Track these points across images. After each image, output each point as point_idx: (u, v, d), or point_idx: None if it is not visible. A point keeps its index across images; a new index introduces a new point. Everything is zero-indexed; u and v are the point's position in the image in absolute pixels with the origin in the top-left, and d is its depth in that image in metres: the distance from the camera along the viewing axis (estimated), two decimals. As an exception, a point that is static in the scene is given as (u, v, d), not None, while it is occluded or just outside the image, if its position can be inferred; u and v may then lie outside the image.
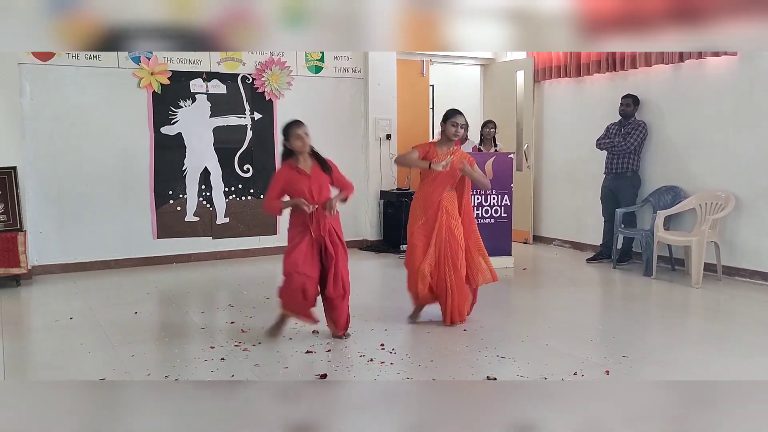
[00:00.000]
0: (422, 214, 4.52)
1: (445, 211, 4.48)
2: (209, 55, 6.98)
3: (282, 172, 4.15)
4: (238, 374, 3.66)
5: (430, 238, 4.47)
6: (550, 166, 8.13)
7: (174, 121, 6.87)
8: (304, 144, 4.10)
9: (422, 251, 4.46)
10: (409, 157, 4.54)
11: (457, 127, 4.47)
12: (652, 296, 5.63)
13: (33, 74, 6.21)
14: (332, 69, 7.66)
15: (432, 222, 4.47)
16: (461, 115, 4.54)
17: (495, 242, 6.59)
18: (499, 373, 3.65)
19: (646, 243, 6.26)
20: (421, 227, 4.50)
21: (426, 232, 4.48)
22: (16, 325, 4.81)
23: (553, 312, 5.08)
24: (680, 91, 6.45)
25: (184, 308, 5.22)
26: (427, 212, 4.49)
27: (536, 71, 8.10)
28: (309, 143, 4.12)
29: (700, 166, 6.31)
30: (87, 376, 3.63)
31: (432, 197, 4.49)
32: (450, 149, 4.52)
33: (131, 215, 6.73)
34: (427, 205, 4.50)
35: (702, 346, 4.23)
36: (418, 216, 4.54)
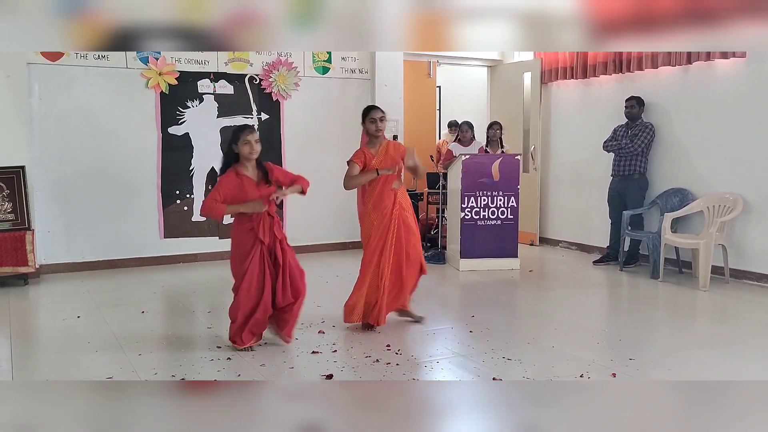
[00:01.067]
0: (377, 215, 4.42)
1: (399, 205, 4.45)
2: (217, 55, 7.00)
3: (229, 179, 3.97)
4: (245, 374, 3.67)
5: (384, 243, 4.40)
6: (556, 167, 8.11)
7: (181, 121, 6.89)
8: (253, 151, 3.95)
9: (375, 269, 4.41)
10: (358, 178, 4.39)
11: (375, 122, 4.39)
12: (659, 299, 5.61)
13: (42, 74, 6.24)
14: (339, 70, 7.67)
15: (387, 224, 4.40)
16: (377, 110, 4.46)
17: (501, 244, 6.60)
18: (505, 375, 3.64)
19: (653, 245, 6.23)
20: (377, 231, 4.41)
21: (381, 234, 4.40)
22: (23, 324, 4.83)
23: (559, 314, 5.07)
24: (688, 93, 6.43)
25: (190, 308, 5.23)
26: (383, 213, 4.40)
27: (543, 73, 8.09)
28: (258, 150, 3.98)
29: (707, 169, 6.28)
30: (94, 375, 3.64)
31: (385, 196, 4.41)
32: (382, 145, 4.47)
33: (138, 215, 6.76)
34: (383, 206, 4.41)
35: (709, 349, 4.21)
36: (372, 221, 4.43)
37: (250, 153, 3.96)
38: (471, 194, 6.50)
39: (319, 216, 7.57)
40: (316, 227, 7.63)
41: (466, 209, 6.52)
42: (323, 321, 4.65)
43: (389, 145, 4.52)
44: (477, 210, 6.57)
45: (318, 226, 7.63)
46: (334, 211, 7.63)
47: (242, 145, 3.95)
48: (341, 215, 7.65)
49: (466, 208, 6.52)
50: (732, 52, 5.89)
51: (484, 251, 6.54)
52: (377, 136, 4.44)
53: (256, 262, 4.00)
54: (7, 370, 3.80)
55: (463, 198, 6.51)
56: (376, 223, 4.42)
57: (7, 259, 5.78)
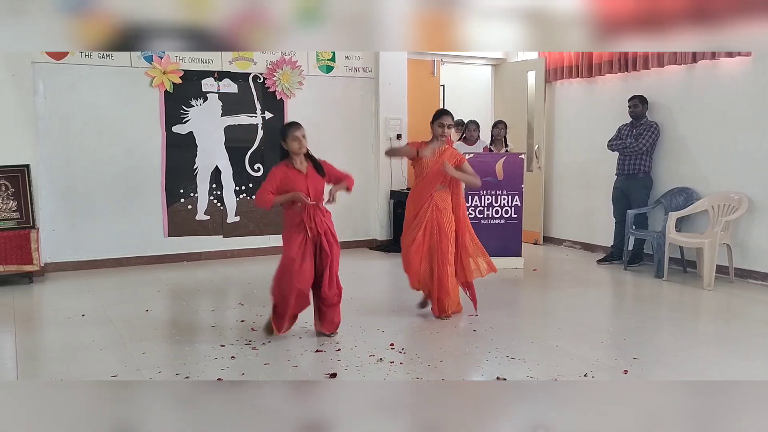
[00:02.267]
0: (413, 210, 4.70)
1: (436, 207, 4.65)
2: (221, 54, 7.01)
3: (279, 170, 4.18)
4: (248, 372, 3.67)
5: (418, 232, 4.64)
6: (561, 166, 8.10)
7: (185, 120, 6.90)
8: (301, 146, 4.14)
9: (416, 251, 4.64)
10: (399, 147, 4.73)
11: (443, 127, 4.64)
12: (664, 298, 5.60)
13: (46, 73, 6.25)
14: (343, 69, 7.67)
15: (422, 217, 4.65)
16: (449, 116, 4.71)
17: (505, 243, 6.59)
18: (509, 374, 3.64)
19: (657, 245, 6.22)
20: (413, 223, 4.68)
21: (417, 225, 4.65)
22: (28, 322, 4.85)
23: (563, 313, 5.06)
24: (693, 92, 6.41)
25: (194, 306, 5.24)
26: (417, 209, 4.67)
27: (547, 71, 8.07)
28: (306, 145, 4.17)
29: (712, 168, 6.27)
30: (99, 373, 3.65)
31: (423, 194, 4.67)
32: (440, 148, 4.68)
33: (143, 214, 6.77)
34: (418, 202, 4.68)
35: (713, 348, 4.20)
36: (410, 213, 4.74)
37: (299, 148, 4.13)
38: (475, 193, 6.49)
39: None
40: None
41: (470, 208, 6.51)
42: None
43: (447, 150, 4.71)
44: (481, 209, 6.57)
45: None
46: (340, 209, 7.58)
47: (291, 141, 4.13)
48: (347, 213, 7.66)
49: (470, 207, 6.51)
50: (737, 51, 5.87)
51: (487, 250, 6.49)
52: (441, 140, 4.68)
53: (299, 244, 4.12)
54: (11, 368, 3.81)
55: (467, 197, 6.50)
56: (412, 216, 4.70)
57: (12, 257, 5.80)
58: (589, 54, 7.46)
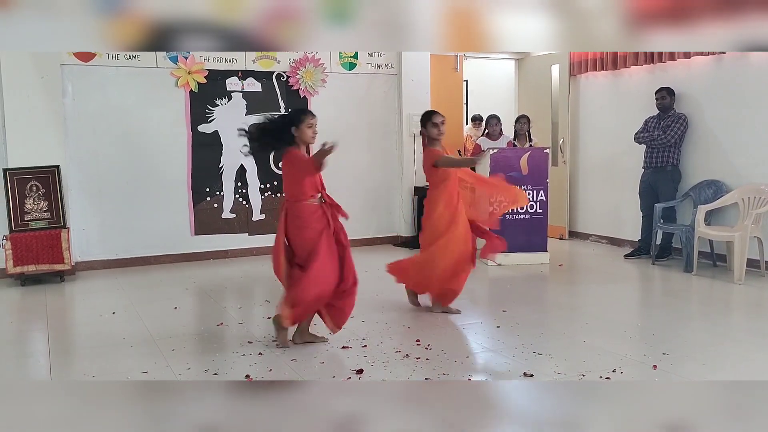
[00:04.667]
0: (446, 209, 4.69)
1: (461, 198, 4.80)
2: (244, 53, 7.06)
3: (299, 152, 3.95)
4: (276, 369, 3.70)
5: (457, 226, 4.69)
6: (586, 160, 8.02)
7: (211, 119, 6.97)
8: (315, 134, 3.95)
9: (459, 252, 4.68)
10: (455, 160, 4.82)
11: (438, 126, 4.69)
12: (693, 293, 5.52)
13: (75, 75, 6.36)
14: (366, 65, 7.68)
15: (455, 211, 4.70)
16: (437, 114, 4.77)
17: (530, 238, 6.55)
18: (536, 370, 3.62)
19: (686, 238, 6.13)
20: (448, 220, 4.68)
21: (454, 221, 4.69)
22: (60, 320, 4.95)
23: (590, 308, 5.02)
24: (722, 83, 6.30)
25: (221, 303, 5.30)
26: (450, 207, 4.70)
27: (572, 65, 7.99)
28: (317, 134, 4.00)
29: (742, 160, 6.15)
30: (129, 370, 3.72)
31: (454, 194, 4.73)
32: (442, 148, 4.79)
33: (170, 212, 6.86)
34: (452, 202, 4.71)
35: (744, 343, 4.13)
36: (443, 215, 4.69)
37: (313, 137, 3.94)
38: (500, 188, 6.45)
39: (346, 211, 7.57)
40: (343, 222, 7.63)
41: (495, 203, 6.47)
42: (353, 317, 4.65)
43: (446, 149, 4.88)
44: (506, 204, 6.52)
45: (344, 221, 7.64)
46: (362, 206, 7.65)
47: (306, 128, 3.90)
48: (370, 210, 7.68)
49: (495, 202, 6.47)
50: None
51: (513, 245, 6.45)
52: (438, 140, 4.72)
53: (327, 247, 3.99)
54: (44, 365, 3.90)
55: (492, 192, 6.46)
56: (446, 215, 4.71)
57: (44, 256, 5.92)
58: (614, 46, 7.36)
